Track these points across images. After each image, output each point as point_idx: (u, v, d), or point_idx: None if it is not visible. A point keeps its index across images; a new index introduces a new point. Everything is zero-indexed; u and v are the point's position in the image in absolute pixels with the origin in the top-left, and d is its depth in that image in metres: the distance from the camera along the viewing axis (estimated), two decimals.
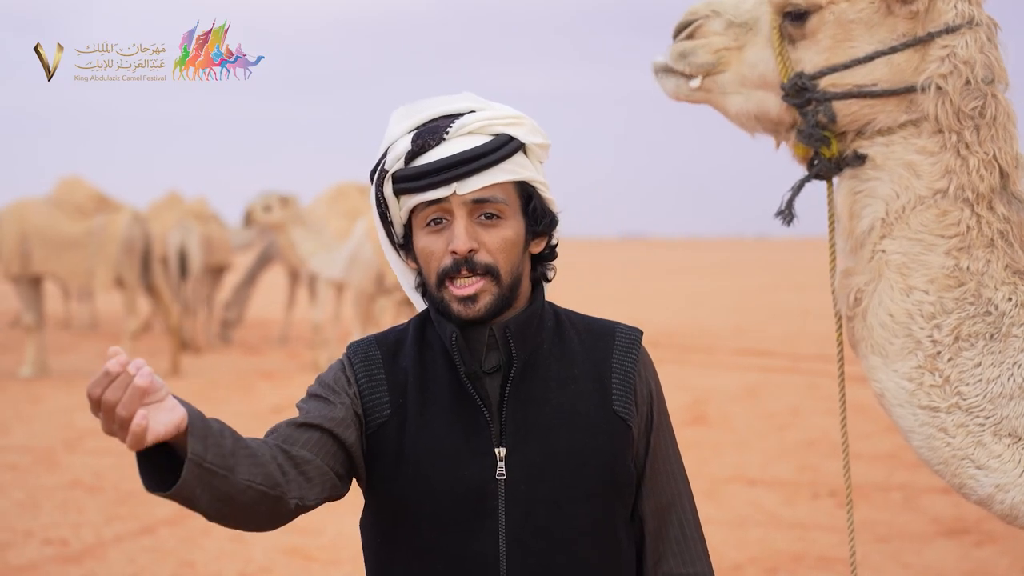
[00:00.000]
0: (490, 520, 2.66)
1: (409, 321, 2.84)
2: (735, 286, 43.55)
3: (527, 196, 2.73)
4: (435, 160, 2.66)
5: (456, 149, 2.66)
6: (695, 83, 3.40)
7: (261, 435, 2.68)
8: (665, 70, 3.47)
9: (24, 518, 9.50)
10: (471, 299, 2.66)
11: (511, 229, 2.69)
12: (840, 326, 3.46)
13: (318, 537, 8.95)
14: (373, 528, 2.77)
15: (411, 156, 2.69)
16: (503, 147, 2.68)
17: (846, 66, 3.24)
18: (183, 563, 8.34)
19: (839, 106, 3.25)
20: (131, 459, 11.95)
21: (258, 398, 15.64)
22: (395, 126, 2.75)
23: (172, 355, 18.30)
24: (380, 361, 2.76)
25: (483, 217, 2.67)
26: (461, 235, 2.64)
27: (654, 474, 2.80)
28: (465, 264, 2.65)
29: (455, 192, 2.65)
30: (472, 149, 2.66)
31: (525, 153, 2.73)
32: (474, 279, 2.66)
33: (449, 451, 2.67)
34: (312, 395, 2.75)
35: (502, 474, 2.66)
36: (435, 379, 2.72)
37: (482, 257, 2.66)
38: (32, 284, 17.93)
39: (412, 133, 2.71)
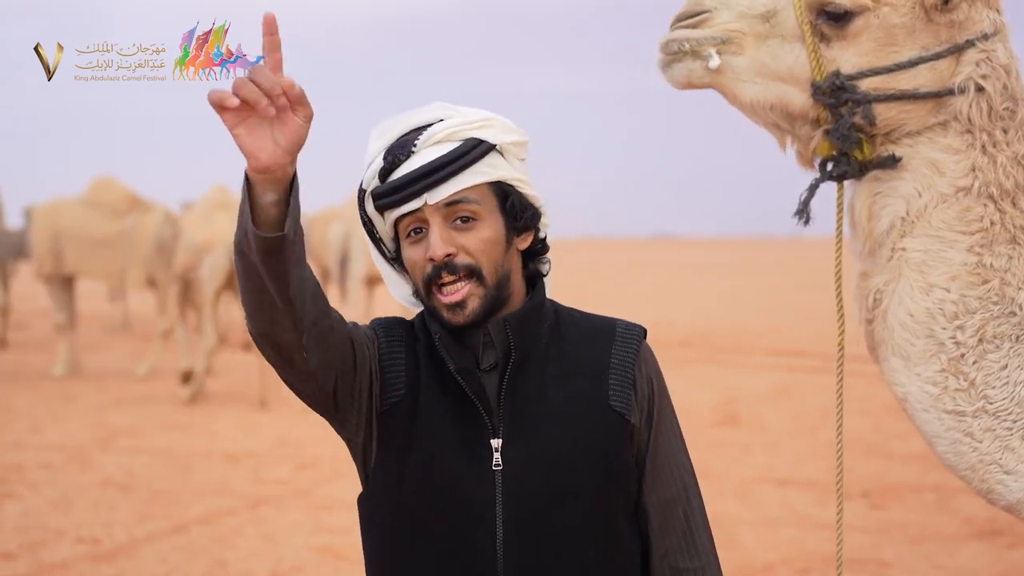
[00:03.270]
0: (487, 510, 2.70)
1: (418, 314, 2.90)
2: (766, 286, 43.43)
3: (503, 195, 2.76)
4: (405, 174, 2.72)
5: (424, 160, 2.72)
6: (714, 63, 3.29)
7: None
8: (674, 53, 3.33)
9: (57, 516, 9.55)
10: (459, 306, 2.71)
11: (488, 229, 2.73)
12: (842, 329, 3.45)
13: (349, 536, 8.96)
14: (381, 504, 2.80)
15: (384, 173, 2.75)
16: (471, 151, 2.73)
17: (889, 70, 3.22)
18: (215, 562, 8.36)
19: (879, 109, 3.23)
20: (163, 459, 12.02)
21: (289, 395, 15.67)
22: (372, 145, 2.81)
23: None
24: (402, 340, 2.82)
25: (459, 221, 2.72)
26: (436, 242, 2.69)
27: (656, 469, 2.82)
28: (445, 268, 2.70)
29: (426, 202, 2.70)
30: (439, 158, 2.71)
31: (501, 154, 2.77)
32: (459, 284, 2.70)
33: (449, 442, 2.73)
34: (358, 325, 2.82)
35: (498, 465, 2.71)
36: (440, 371, 2.77)
37: (461, 259, 2.70)
38: (64, 284, 18.02)
39: (384, 151, 2.77)
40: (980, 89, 3.19)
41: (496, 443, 2.71)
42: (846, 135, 3.23)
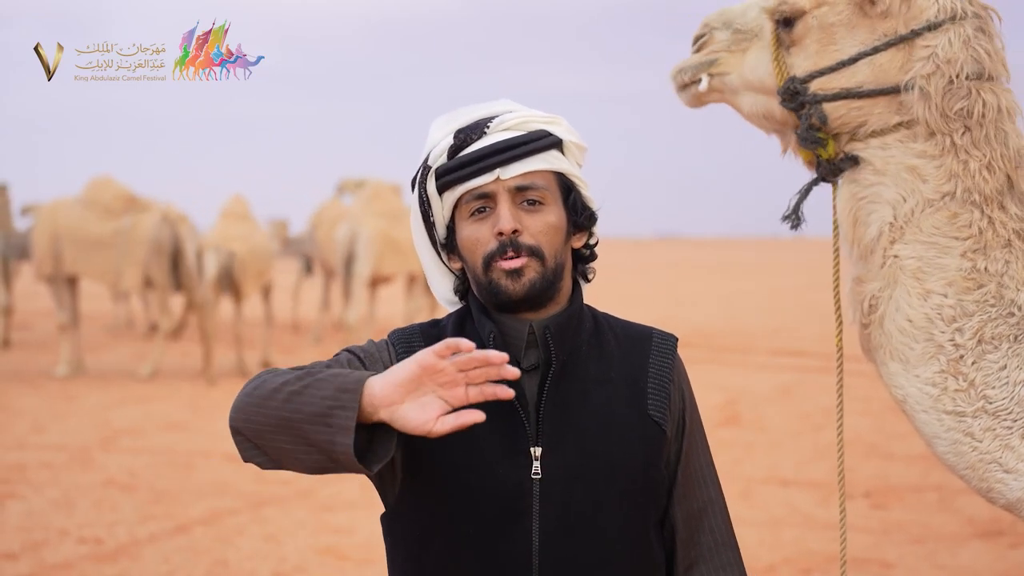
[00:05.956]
0: (524, 518, 2.68)
1: (450, 315, 2.89)
2: (770, 286, 43.41)
3: (567, 189, 2.80)
4: (477, 149, 2.75)
5: (496, 140, 2.76)
6: (703, 85, 3.48)
7: None
8: (681, 85, 3.57)
9: (59, 516, 9.55)
10: (517, 272, 2.70)
11: (553, 215, 2.76)
12: (840, 331, 3.47)
13: (352, 536, 8.97)
14: (406, 521, 2.78)
15: (454, 151, 2.77)
16: (542, 139, 2.77)
17: (832, 69, 3.26)
18: (217, 562, 8.36)
19: (829, 108, 3.26)
20: (165, 459, 11.98)
21: None
22: (436, 132, 2.84)
23: (205, 354, 18.37)
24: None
25: (526, 203, 2.74)
26: (506, 215, 2.71)
27: (686, 480, 2.83)
28: (511, 245, 2.70)
29: (498, 177, 2.73)
30: (512, 138, 2.76)
31: (562, 151, 2.81)
32: (520, 257, 2.71)
33: (486, 450, 2.70)
34: (350, 351, 2.78)
35: (537, 473, 2.69)
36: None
37: (526, 239, 2.72)
38: (66, 284, 18.01)
39: (453, 132, 2.80)
40: (923, 90, 3.17)
41: (536, 451, 2.70)
42: (806, 136, 3.30)
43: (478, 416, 2.41)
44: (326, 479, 10.83)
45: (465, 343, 2.40)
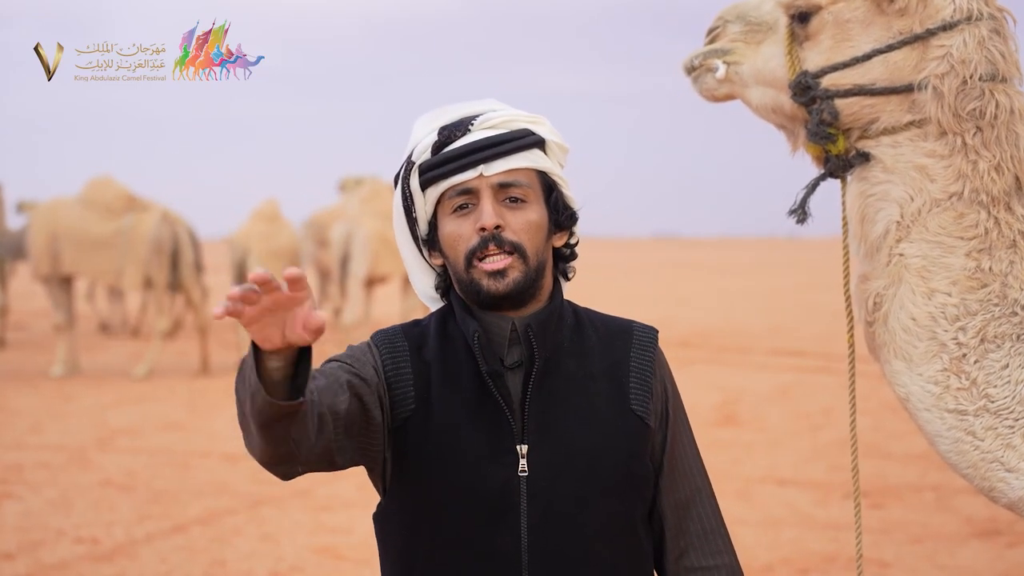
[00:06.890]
0: (512, 515, 2.71)
1: (431, 314, 2.90)
2: (768, 286, 43.41)
3: (549, 188, 2.82)
4: (461, 145, 2.77)
5: (480, 137, 2.78)
6: (720, 73, 3.49)
7: None
8: (690, 70, 3.59)
9: (56, 517, 9.54)
10: (500, 273, 2.72)
11: (535, 213, 2.78)
12: (851, 329, 3.47)
13: (349, 536, 8.96)
14: (395, 520, 2.80)
15: (438, 147, 2.79)
16: (525, 137, 2.80)
17: (845, 64, 3.27)
18: (214, 562, 8.35)
19: (841, 104, 3.27)
20: (162, 459, 11.95)
21: None
22: (420, 129, 2.86)
23: (201, 353, 18.36)
24: (407, 352, 2.80)
25: (508, 201, 2.76)
26: (489, 211, 2.73)
27: (671, 470, 2.85)
28: (493, 240, 2.72)
29: (482, 174, 2.75)
30: (496, 135, 2.78)
31: (544, 151, 2.83)
32: (502, 255, 2.72)
33: (472, 449, 2.72)
34: (341, 360, 2.75)
35: (524, 471, 2.71)
36: (458, 374, 2.76)
37: (508, 235, 2.73)
38: (62, 284, 18.00)
39: (437, 129, 2.82)
40: (936, 89, 3.16)
41: (522, 449, 2.72)
42: (816, 131, 3.30)
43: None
44: (324, 479, 10.83)
45: (259, 277, 2.25)
